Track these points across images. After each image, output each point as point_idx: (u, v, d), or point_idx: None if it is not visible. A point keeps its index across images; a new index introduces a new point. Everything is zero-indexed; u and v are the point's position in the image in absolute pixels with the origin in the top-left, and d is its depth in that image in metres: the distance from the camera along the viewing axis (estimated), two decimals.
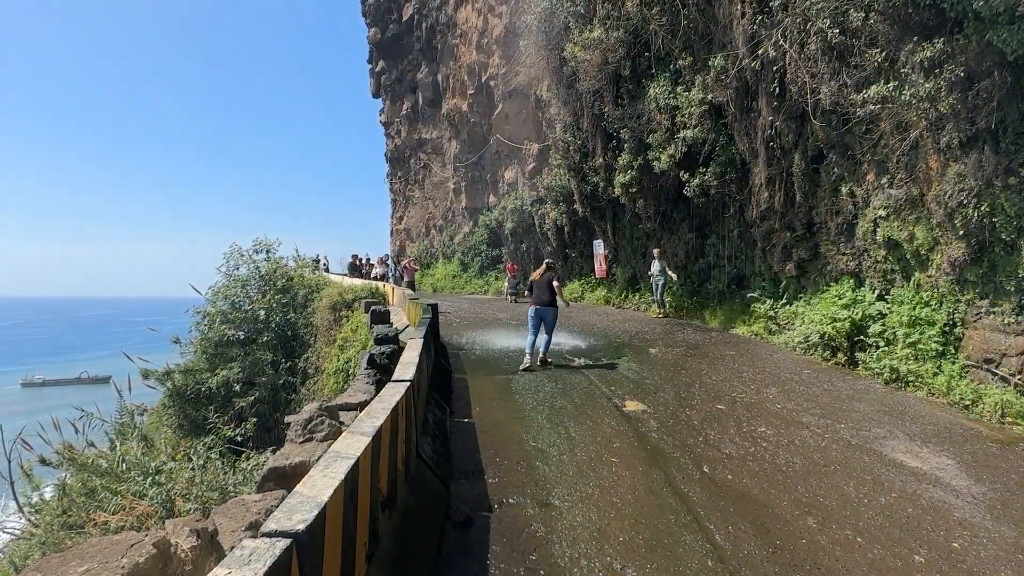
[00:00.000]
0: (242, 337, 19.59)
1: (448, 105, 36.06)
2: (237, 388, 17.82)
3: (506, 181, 31.35)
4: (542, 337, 10.10)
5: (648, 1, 14.09)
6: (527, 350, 9.99)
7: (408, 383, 5.56)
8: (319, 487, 2.97)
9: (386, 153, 48.20)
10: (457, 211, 37.60)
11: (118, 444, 9.55)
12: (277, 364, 18.80)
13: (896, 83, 8.53)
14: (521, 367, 9.88)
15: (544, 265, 10.27)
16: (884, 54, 8.82)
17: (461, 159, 35.70)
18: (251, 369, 18.27)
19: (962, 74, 7.63)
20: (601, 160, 17.66)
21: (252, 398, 17.47)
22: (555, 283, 10.00)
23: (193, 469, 8.11)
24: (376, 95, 47.51)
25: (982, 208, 7.81)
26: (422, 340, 7.58)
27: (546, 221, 24.12)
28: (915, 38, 8.24)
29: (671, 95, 14.06)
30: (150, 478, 7.60)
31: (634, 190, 16.07)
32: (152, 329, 19.49)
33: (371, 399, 6.75)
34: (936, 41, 7.84)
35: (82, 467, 8.21)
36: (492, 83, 30.51)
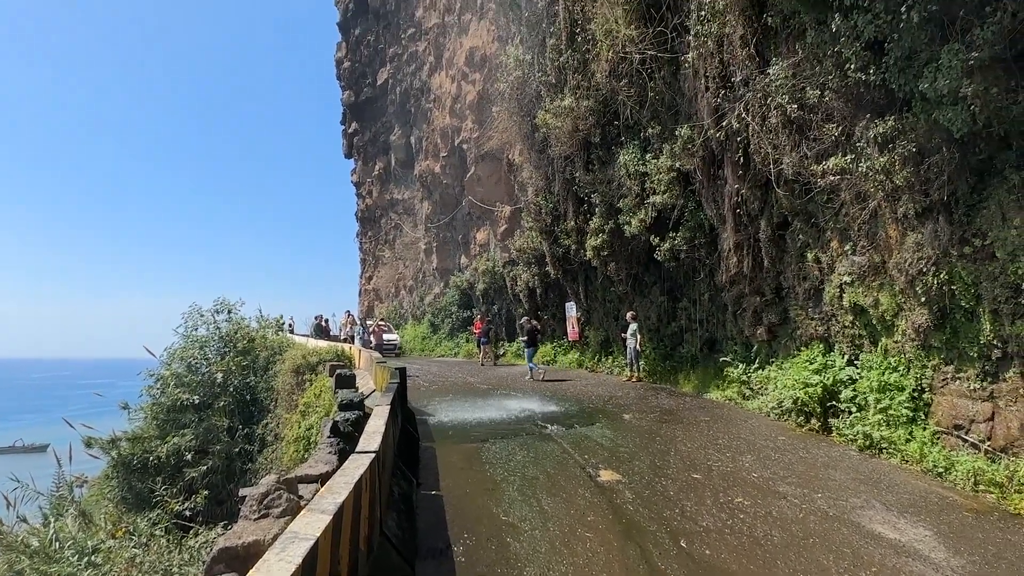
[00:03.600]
0: (197, 402, 18.68)
1: (421, 167, 36.61)
2: (189, 457, 16.82)
3: (478, 242, 31.56)
4: None
5: (617, 73, 14.70)
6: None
7: (373, 454, 5.25)
8: (274, 573, 2.67)
9: (357, 212, 48.34)
10: (428, 272, 37.54)
11: (52, 520, 8.79)
12: (234, 431, 17.90)
13: (853, 156, 8.90)
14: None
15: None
16: (840, 129, 9.24)
17: (433, 220, 35.96)
18: (205, 436, 17.33)
19: (913, 149, 8.00)
20: (573, 223, 17.92)
21: (204, 468, 16.48)
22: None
23: (135, 548, 7.46)
24: (348, 155, 48.07)
25: (941, 276, 8.03)
26: (389, 407, 7.28)
27: (518, 283, 24.16)
28: (868, 115, 8.67)
29: (640, 162, 14.48)
30: (86, 559, 6.95)
31: (606, 253, 16.26)
32: (99, 394, 18.48)
33: (333, 470, 6.36)
34: (887, 119, 8.25)
35: (9, 547, 7.47)
36: (465, 146, 31.19)
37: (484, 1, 28.17)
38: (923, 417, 8.54)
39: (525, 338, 18.58)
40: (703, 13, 11.77)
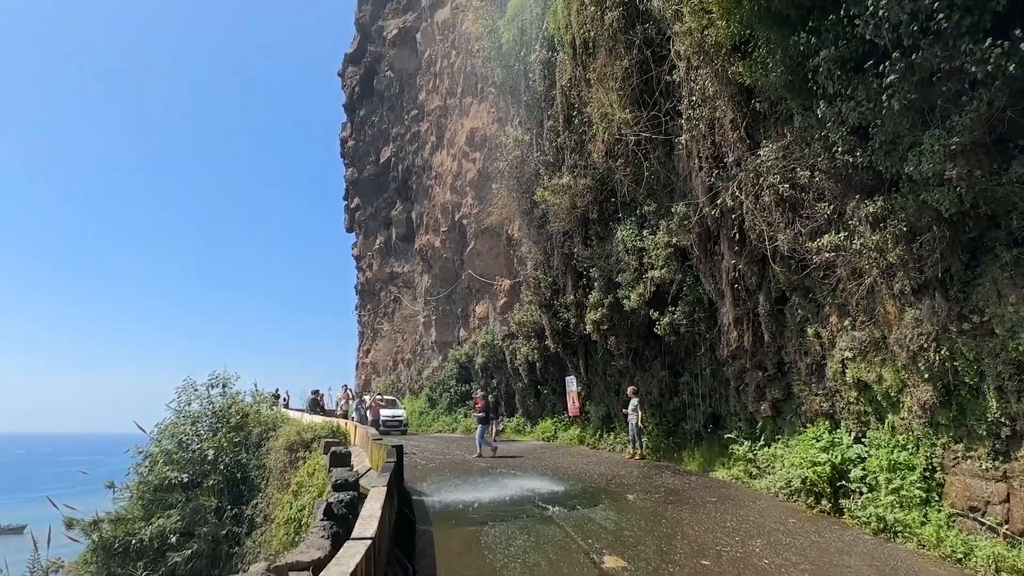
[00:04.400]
0: (185, 480, 18.07)
1: (421, 241, 37.23)
2: (173, 540, 16.07)
3: (477, 316, 31.62)
4: None
5: (613, 153, 15.23)
6: None
7: (369, 541, 5.04)
8: None
9: (356, 285, 48.71)
10: (427, 345, 37.38)
11: None
12: (222, 511, 17.21)
13: (846, 234, 9.08)
14: None
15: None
16: (832, 207, 9.49)
17: (432, 293, 36.18)
18: (191, 518, 16.64)
19: (904, 228, 8.18)
20: (572, 297, 18.03)
21: (189, 552, 15.73)
22: None
23: None
24: (350, 230, 49.01)
25: (942, 352, 8.00)
26: (385, 489, 7.05)
27: (517, 356, 24.01)
28: (858, 195, 8.93)
29: (638, 238, 14.75)
30: None
31: (605, 327, 16.26)
32: (84, 472, 17.89)
33: (327, 556, 6.08)
34: (877, 199, 8.48)
35: None
36: (465, 221, 31.84)
37: (484, 85, 29.60)
38: (937, 498, 8.27)
39: (480, 414, 17.91)
40: (694, 98, 12.35)
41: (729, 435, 12.78)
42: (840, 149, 8.68)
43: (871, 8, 7.52)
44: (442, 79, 35.11)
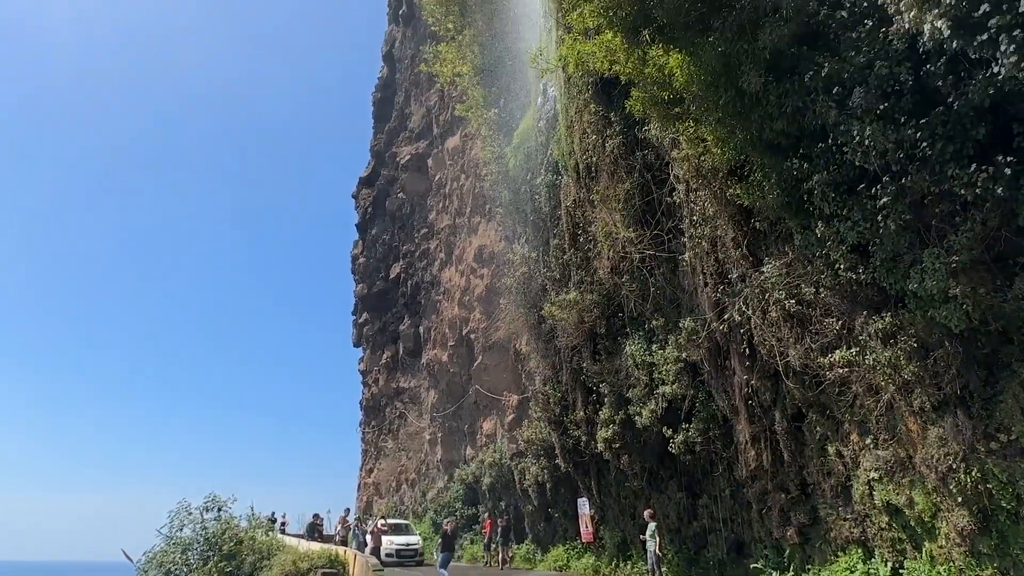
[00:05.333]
0: None
1: (428, 355, 37.19)
2: None
3: (484, 433, 30.81)
4: None
5: (618, 270, 15.59)
6: None
7: None
8: None
9: (361, 401, 48.06)
10: (432, 464, 36.14)
11: None
12: None
13: (857, 349, 9.02)
14: None
15: None
16: (840, 323, 9.50)
17: (439, 409, 35.55)
18: None
19: (916, 344, 8.15)
20: (582, 414, 17.64)
21: None
22: None
23: None
24: (357, 344, 49.21)
25: (973, 474, 7.65)
26: None
27: (526, 477, 23.06)
28: (865, 311, 8.99)
29: (647, 352, 14.69)
30: None
31: (617, 445, 15.74)
32: None
33: None
34: (884, 315, 8.53)
35: None
36: (473, 336, 31.97)
37: (492, 206, 30.98)
38: None
39: (441, 542, 17.02)
40: (695, 218, 12.83)
41: (755, 564, 11.92)
42: (842, 267, 8.86)
43: (857, 138, 8.01)
44: (451, 200, 36.87)
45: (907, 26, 7.21)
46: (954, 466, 7.84)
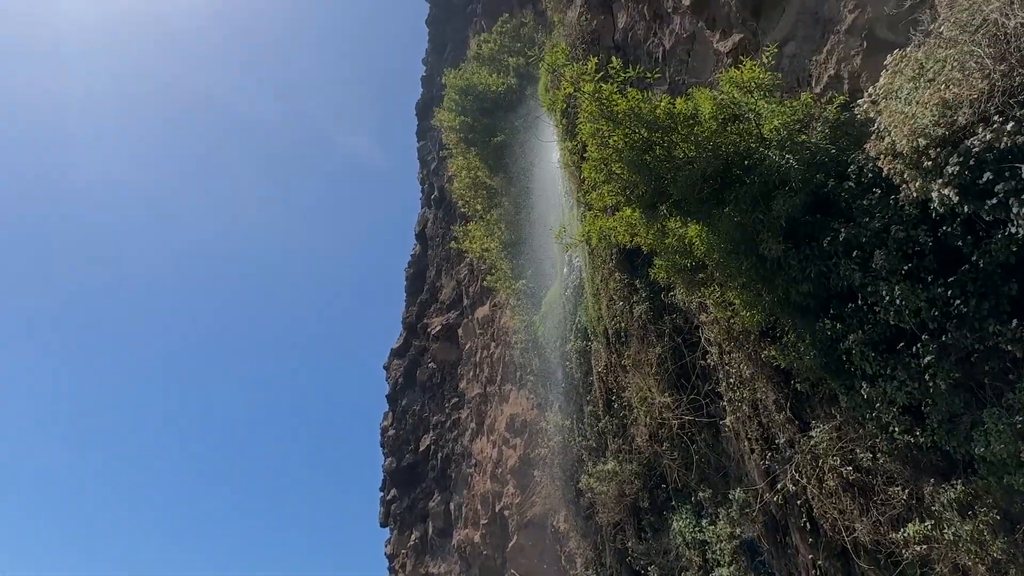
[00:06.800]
0: None
1: (460, 536, 34.86)
2: None
3: None
4: None
5: (657, 437, 14.99)
6: None
7: None
8: None
9: None
10: None
11: None
12: None
13: (932, 522, 8.19)
14: None
15: None
16: (907, 491, 8.74)
17: None
18: None
19: (998, 516, 7.38)
20: None
21: None
22: None
23: None
24: (384, 524, 46.64)
25: None
26: None
27: None
28: (932, 479, 8.30)
29: (697, 529, 13.54)
30: None
31: None
32: None
33: None
34: (955, 483, 7.85)
35: None
36: (507, 512, 30.12)
37: (523, 373, 30.98)
38: None
39: None
40: (731, 380, 12.55)
41: None
42: (897, 430, 8.38)
43: (887, 297, 8.02)
44: (482, 368, 37.09)
45: (914, 195, 7.57)
46: None
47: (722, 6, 12.74)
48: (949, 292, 7.47)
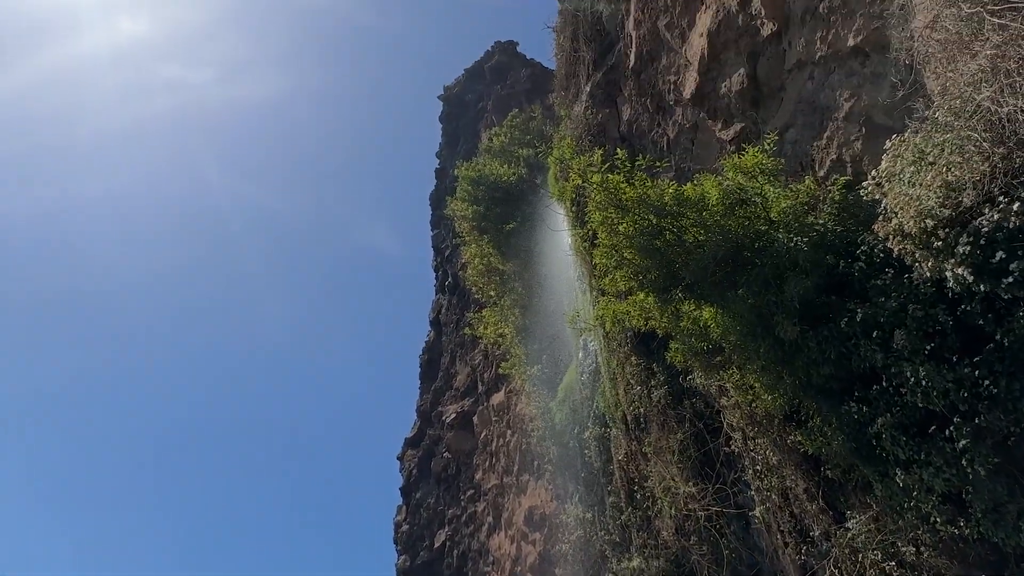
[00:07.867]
0: None
1: None
2: None
3: None
4: None
5: (683, 530, 14.22)
6: None
7: None
8: None
9: None
10: None
11: None
12: None
13: None
14: None
15: None
16: None
17: None
18: None
19: None
20: None
21: None
22: None
23: None
24: None
25: None
26: None
27: None
28: (983, 574, 7.73)
29: None
30: None
31: None
32: None
33: None
34: None
35: None
36: None
37: (540, 463, 30.01)
38: None
39: None
40: (758, 468, 12.05)
41: None
42: (938, 520, 7.90)
43: (912, 378, 7.80)
44: (498, 457, 36.02)
45: (928, 274, 7.54)
46: None
47: (722, 98, 13.36)
48: (977, 372, 7.25)
